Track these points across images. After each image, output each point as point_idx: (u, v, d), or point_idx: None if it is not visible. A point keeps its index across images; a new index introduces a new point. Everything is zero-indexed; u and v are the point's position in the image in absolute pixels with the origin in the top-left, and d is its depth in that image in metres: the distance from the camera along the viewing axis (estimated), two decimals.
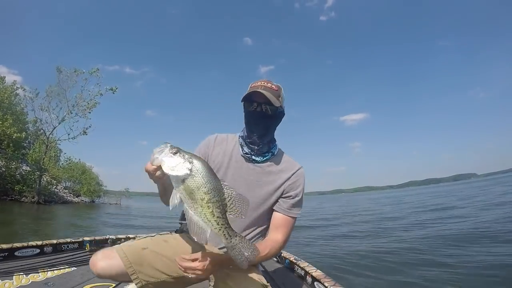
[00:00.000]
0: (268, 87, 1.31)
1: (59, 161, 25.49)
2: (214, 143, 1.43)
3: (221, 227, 0.94)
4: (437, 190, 45.74)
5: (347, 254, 5.14)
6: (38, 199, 19.31)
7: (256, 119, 1.32)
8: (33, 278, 2.01)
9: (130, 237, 2.97)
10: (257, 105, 1.31)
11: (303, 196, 1.37)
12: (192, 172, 0.91)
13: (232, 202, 0.95)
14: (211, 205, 0.92)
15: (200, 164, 0.94)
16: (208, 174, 0.93)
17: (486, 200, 13.97)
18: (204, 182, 0.91)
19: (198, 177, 0.91)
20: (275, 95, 1.31)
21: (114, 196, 32.42)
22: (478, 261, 4.17)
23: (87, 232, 8.24)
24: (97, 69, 21.65)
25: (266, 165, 1.37)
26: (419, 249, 5.19)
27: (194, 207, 0.93)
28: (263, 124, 1.33)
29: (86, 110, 21.23)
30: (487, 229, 6.38)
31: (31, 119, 21.41)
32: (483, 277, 3.53)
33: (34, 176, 20.21)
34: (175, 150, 0.93)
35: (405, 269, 4.10)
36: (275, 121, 1.37)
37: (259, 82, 1.35)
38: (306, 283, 2.04)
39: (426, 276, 3.71)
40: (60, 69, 20.96)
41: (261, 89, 1.29)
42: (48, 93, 20.86)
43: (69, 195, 25.56)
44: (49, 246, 2.51)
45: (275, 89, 1.32)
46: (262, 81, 1.35)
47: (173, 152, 0.92)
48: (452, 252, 4.83)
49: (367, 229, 8.52)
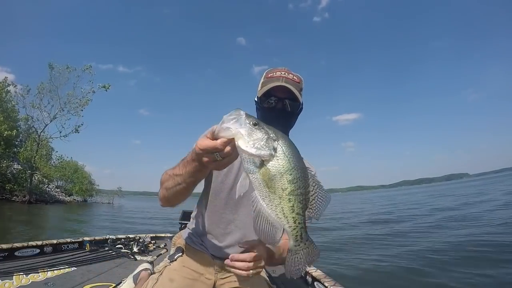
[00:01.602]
0: (290, 79, 1.11)
1: (51, 159, 25.09)
2: None
3: (297, 225, 0.74)
4: (429, 189, 46.49)
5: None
6: (29, 198, 19.03)
7: (275, 118, 1.11)
8: (33, 278, 2.00)
9: (130, 237, 2.97)
10: (277, 101, 1.12)
11: None
12: (277, 153, 0.71)
13: (314, 198, 0.75)
14: (293, 198, 0.72)
15: (288, 144, 0.73)
16: (296, 159, 0.73)
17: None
18: (290, 167, 0.71)
19: (283, 160, 0.71)
20: (297, 88, 1.12)
21: (106, 196, 32.10)
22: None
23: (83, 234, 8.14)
24: (89, 66, 21.48)
25: None
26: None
27: (270, 198, 0.72)
28: (284, 122, 1.15)
29: (78, 107, 21.04)
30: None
31: (22, 117, 21.08)
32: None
33: (25, 175, 19.90)
34: (255, 121, 0.72)
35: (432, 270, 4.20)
36: (295, 119, 1.20)
37: (278, 71, 1.14)
38: (306, 283, 2.05)
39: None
40: (52, 65, 20.69)
41: (282, 81, 1.10)
42: (39, 90, 20.58)
43: (61, 194, 25.21)
44: (49, 246, 2.50)
45: (297, 81, 1.14)
46: (282, 70, 1.14)
47: (252, 123, 0.71)
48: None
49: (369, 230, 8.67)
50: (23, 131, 22.30)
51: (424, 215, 10.65)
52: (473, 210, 10.50)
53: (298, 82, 1.14)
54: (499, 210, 9.68)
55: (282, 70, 1.15)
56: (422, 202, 17.76)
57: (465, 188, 30.27)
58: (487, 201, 13.21)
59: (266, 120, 1.07)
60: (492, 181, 40.12)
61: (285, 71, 1.14)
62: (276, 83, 1.10)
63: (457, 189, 32.36)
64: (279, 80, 1.10)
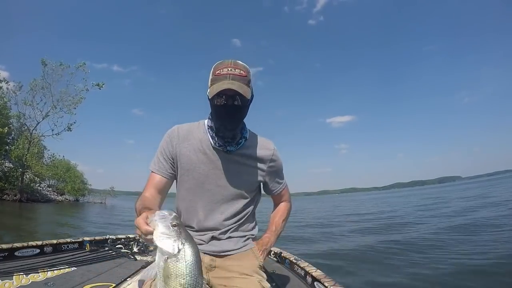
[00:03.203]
0: (237, 75, 1.12)
1: (43, 158, 24.71)
2: (178, 139, 1.27)
3: None
4: (425, 191, 46.97)
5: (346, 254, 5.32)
6: (20, 197, 18.73)
7: (228, 114, 1.16)
8: (33, 278, 1.99)
9: (130, 237, 2.96)
10: (227, 99, 1.13)
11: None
12: (179, 255, 0.79)
13: None
14: None
15: (191, 251, 0.81)
16: (193, 266, 0.80)
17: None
18: (185, 273, 0.78)
19: (181, 264, 0.79)
20: (245, 82, 1.13)
21: (99, 195, 31.73)
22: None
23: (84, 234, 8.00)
24: (83, 63, 21.20)
25: (243, 152, 1.28)
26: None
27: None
28: (237, 117, 1.19)
29: (71, 105, 20.75)
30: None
31: (13, 114, 20.72)
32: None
33: (16, 173, 19.56)
34: (176, 223, 0.82)
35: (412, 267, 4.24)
36: (246, 110, 1.22)
37: (225, 67, 1.13)
38: (306, 283, 2.05)
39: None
40: (45, 62, 20.36)
41: (229, 79, 1.10)
42: (32, 86, 20.23)
43: (53, 194, 24.86)
44: (49, 246, 2.48)
45: (244, 75, 1.13)
46: (228, 66, 1.13)
47: (172, 224, 0.81)
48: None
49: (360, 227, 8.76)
50: (15, 129, 21.93)
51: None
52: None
53: (245, 76, 1.13)
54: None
55: (229, 66, 1.13)
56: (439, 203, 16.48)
57: (473, 189, 29.34)
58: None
59: (219, 117, 1.18)
60: (487, 184, 40.25)
61: (231, 66, 1.13)
62: (223, 85, 1.10)
63: (457, 191, 32.33)
64: (227, 78, 1.11)
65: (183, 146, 1.27)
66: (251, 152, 1.30)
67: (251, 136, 1.32)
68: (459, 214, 10.24)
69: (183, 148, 1.27)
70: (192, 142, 1.27)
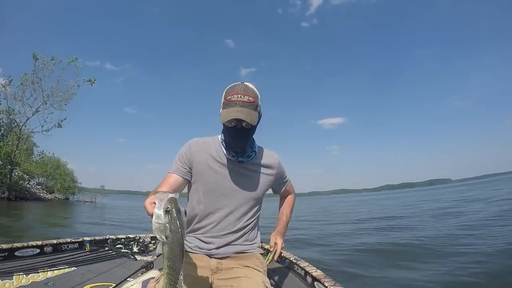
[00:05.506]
0: (246, 101, 1.23)
1: (32, 154, 24.19)
2: (197, 148, 1.40)
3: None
4: (420, 193, 47.48)
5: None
6: (8, 195, 18.31)
7: (237, 136, 1.30)
8: (33, 278, 1.98)
9: (130, 237, 2.96)
10: (236, 122, 1.26)
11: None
12: (168, 240, 0.89)
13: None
14: (167, 279, 0.91)
15: (172, 235, 0.89)
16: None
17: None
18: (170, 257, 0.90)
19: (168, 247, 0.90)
20: (253, 108, 1.26)
21: (89, 194, 31.24)
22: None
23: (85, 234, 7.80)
24: (75, 58, 20.86)
25: (253, 161, 1.42)
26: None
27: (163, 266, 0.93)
28: (244, 138, 1.33)
29: (62, 101, 20.40)
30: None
31: (3, 109, 20.23)
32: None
33: (5, 170, 19.11)
34: (169, 208, 0.89)
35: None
36: (254, 129, 1.35)
37: (235, 93, 1.24)
38: (306, 283, 2.06)
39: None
40: (36, 56, 19.93)
41: (238, 106, 1.22)
42: (22, 81, 19.78)
43: (42, 192, 24.37)
44: (49, 246, 2.47)
45: (252, 101, 1.25)
46: (238, 93, 1.24)
47: (164, 210, 0.89)
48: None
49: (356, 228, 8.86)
50: (5, 125, 21.42)
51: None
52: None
53: (253, 102, 1.25)
54: None
55: (239, 93, 1.24)
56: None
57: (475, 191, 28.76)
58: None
59: (230, 136, 1.35)
60: (477, 187, 40.63)
61: (241, 93, 1.24)
62: (232, 113, 1.23)
63: (449, 193, 32.57)
64: (236, 105, 1.23)
65: (200, 154, 1.40)
66: (260, 161, 1.46)
67: (259, 149, 1.49)
68: (453, 214, 10.47)
69: (201, 156, 1.40)
70: (208, 151, 1.41)
